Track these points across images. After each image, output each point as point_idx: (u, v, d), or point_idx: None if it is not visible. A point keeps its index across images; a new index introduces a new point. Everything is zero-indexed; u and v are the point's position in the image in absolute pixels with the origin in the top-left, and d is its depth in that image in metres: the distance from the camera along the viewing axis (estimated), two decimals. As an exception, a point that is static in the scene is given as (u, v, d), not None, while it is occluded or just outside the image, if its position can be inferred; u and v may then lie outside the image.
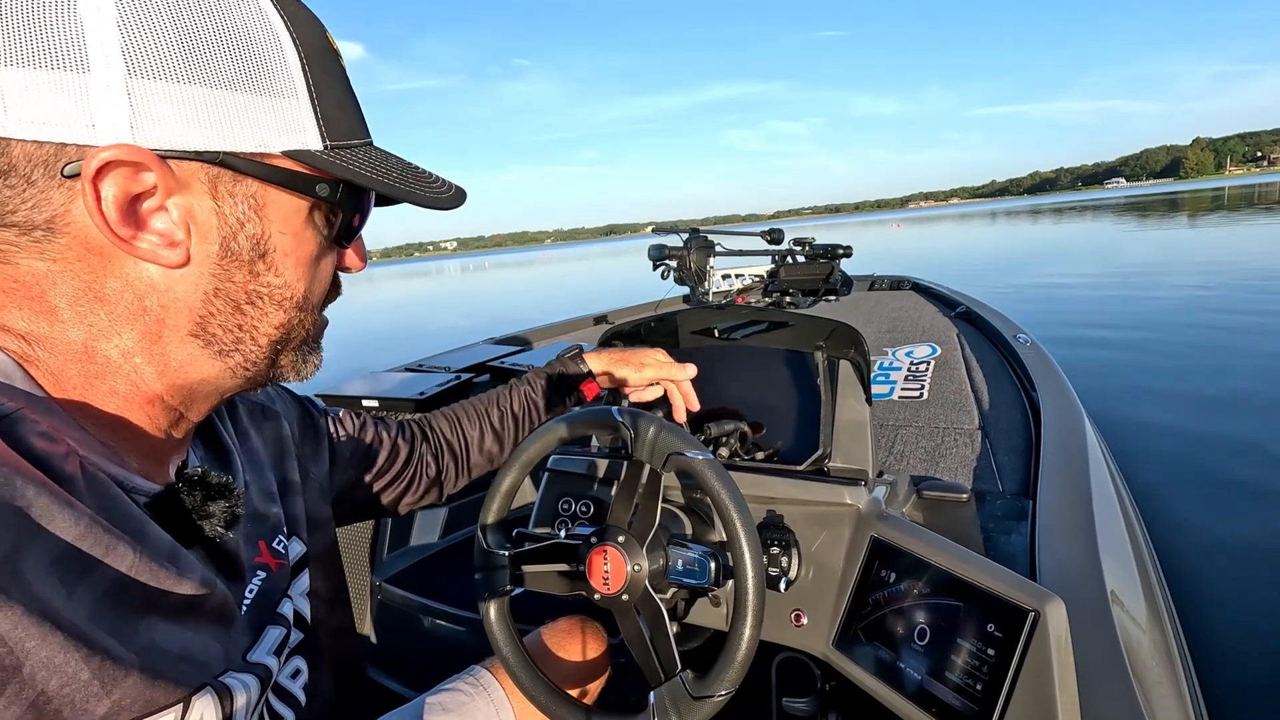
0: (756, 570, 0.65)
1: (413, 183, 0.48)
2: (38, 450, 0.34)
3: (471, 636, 1.31)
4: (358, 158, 0.45)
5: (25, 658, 0.30)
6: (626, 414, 0.73)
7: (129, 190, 0.37)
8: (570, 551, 0.74)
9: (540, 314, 6.44)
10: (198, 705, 0.38)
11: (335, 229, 0.48)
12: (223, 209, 0.41)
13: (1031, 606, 0.62)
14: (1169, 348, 5.08)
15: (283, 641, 0.51)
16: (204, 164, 0.39)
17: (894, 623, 0.72)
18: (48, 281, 0.38)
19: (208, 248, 0.41)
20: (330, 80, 0.44)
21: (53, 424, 0.36)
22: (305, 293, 0.46)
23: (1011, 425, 1.36)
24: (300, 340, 0.48)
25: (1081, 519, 0.92)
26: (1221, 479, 2.76)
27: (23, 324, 0.39)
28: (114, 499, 0.37)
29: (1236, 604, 1.96)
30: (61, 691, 0.31)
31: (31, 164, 0.36)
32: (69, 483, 0.34)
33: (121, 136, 0.36)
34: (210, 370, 0.44)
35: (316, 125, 0.43)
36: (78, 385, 0.40)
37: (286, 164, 0.42)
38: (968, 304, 2.58)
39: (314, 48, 0.43)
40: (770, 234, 3.06)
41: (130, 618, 0.36)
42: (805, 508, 0.84)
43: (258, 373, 0.47)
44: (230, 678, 0.42)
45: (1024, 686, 0.60)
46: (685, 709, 0.65)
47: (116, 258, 0.39)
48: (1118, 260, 12.27)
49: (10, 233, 0.37)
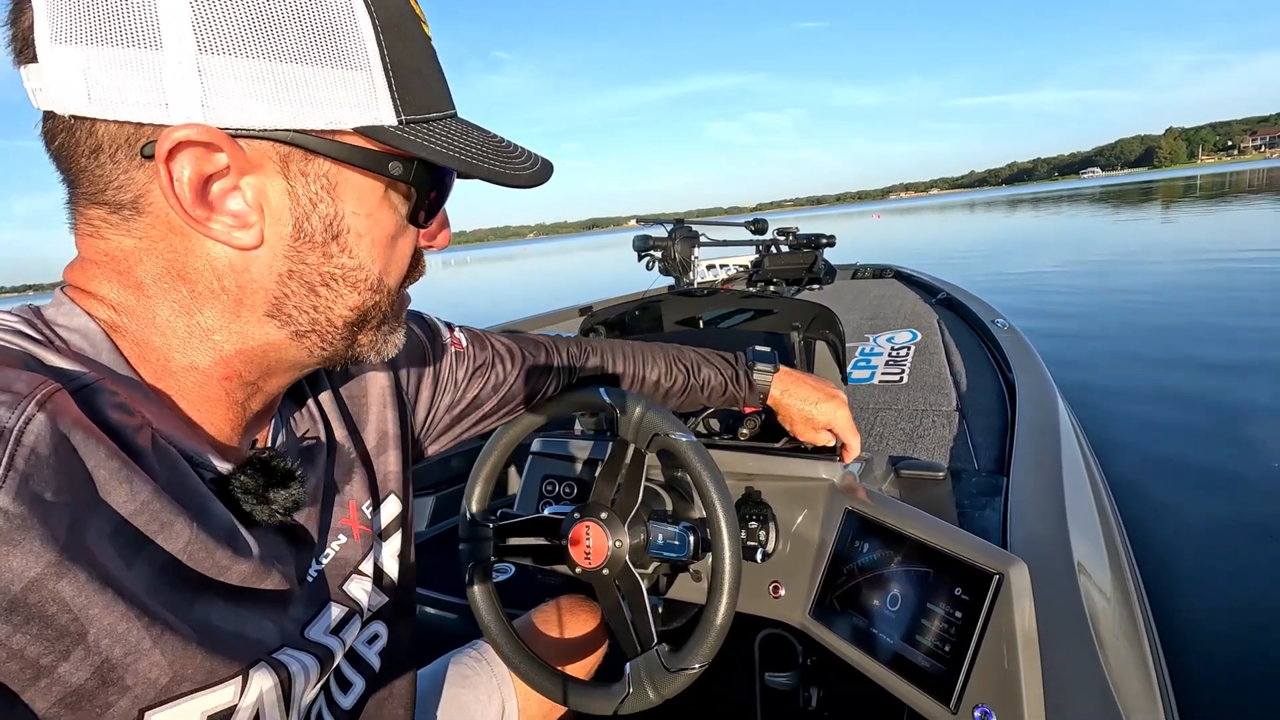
0: (734, 550, 0.67)
1: (493, 158, 0.45)
2: (113, 421, 0.34)
3: (461, 623, 1.32)
4: (435, 132, 0.43)
5: (89, 624, 0.31)
6: (613, 394, 0.74)
7: (202, 171, 0.36)
8: (554, 526, 0.75)
9: (526, 308, 6.42)
10: (256, 678, 0.39)
11: (412, 207, 0.45)
12: (295, 189, 0.39)
13: (996, 569, 0.65)
14: (1144, 332, 5.19)
15: (345, 621, 0.51)
16: (275, 143, 0.38)
17: (868, 591, 0.75)
18: (135, 258, 0.38)
19: (280, 229, 0.40)
20: (409, 49, 0.41)
21: (131, 396, 0.36)
22: (381, 274, 0.45)
23: (988, 406, 1.39)
24: (379, 320, 0.47)
25: (1052, 493, 0.95)
26: (1190, 458, 2.83)
27: (114, 295, 0.39)
28: (182, 474, 0.37)
29: (1202, 578, 2.02)
30: (125, 659, 0.32)
31: (115, 144, 0.36)
32: (139, 455, 0.34)
33: (193, 116, 0.36)
34: (288, 350, 0.44)
35: (391, 99, 0.40)
36: (161, 358, 0.40)
37: (359, 141, 0.40)
38: (948, 291, 2.62)
39: (392, 13, 0.40)
40: (754, 224, 3.09)
41: (186, 593, 0.36)
42: (782, 483, 0.86)
43: (334, 353, 0.46)
44: (285, 654, 0.42)
45: (988, 646, 0.63)
46: (660, 680, 0.67)
47: (196, 238, 0.38)
48: (1093, 248, 12.47)
49: (102, 209, 0.38)
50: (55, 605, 0.30)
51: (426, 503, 1.63)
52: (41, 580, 0.29)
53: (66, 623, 0.30)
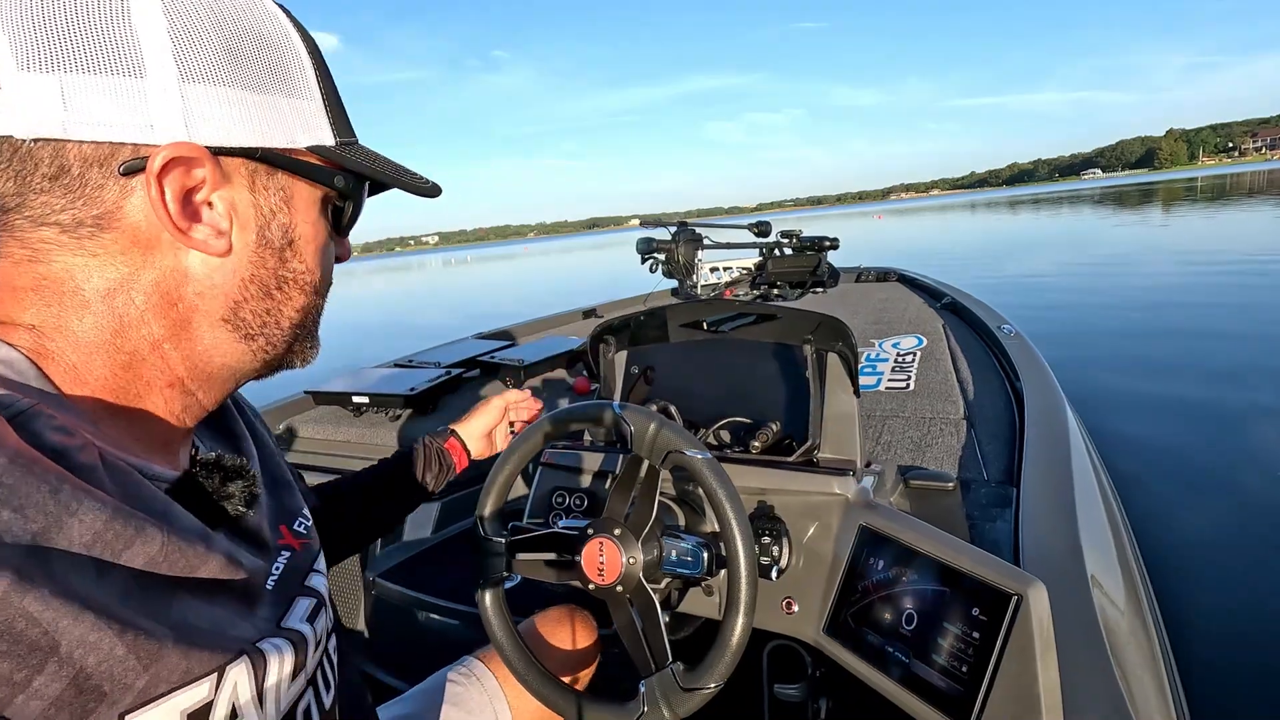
0: (750, 570, 0.66)
1: (403, 174, 0.54)
2: (55, 443, 0.34)
3: (466, 629, 1.31)
4: (358, 152, 0.50)
5: (61, 636, 0.31)
6: (626, 410, 0.74)
7: (185, 184, 0.41)
8: (567, 542, 0.75)
9: (527, 309, 6.41)
10: (232, 673, 0.40)
11: (342, 219, 0.52)
12: (259, 200, 0.45)
13: (1015, 590, 0.64)
14: (1149, 337, 5.18)
15: (315, 610, 0.53)
16: (245, 159, 0.44)
17: (882, 609, 0.74)
18: (83, 276, 0.40)
19: (247, 237, 0.45)
20: (331, 82, 0.49)
21: (67, 418, 0.37)
22: (322, 277, 0.51)
23: (996, 414, 1.38)
24: (312, 324, 0.52)
25: (1063, 505, 0.94)
26: (1199, 466, 2.83)
27: (42, 319, 0.40)
28: (137, 485, 0.38)
29: (1213, 586, 2.02)
30: (100, 667, 0.33)
31: (87, 163, 0.39)
32: (90, 472, 0.35)
33: (178, 135, 0.40)
34: (234, 354, 0.47)
35: (329, 123, 0.48)
36: (101, 376, 0.41)
37: (310, 158, 0.47)
38: (953, 295, 2.61)
39: (316, 55, 0.48)
40: (758, 226, 3.08)
41: (163, 595, 0.37)
42: (796, 498, 0.86)
43: (276, 355, 0.50)
44: (265, 643, 0.44)
45: (1007, 668, 0.62)
46: (675, 700, 0.67)
47: (157, 250, 0.42)
48: (1098, 251, 12.45)
49: (50, 230, 0.39)
50: (24, 621, 0.30)
51: (432, 509, 1.62)
52: (6, 598, 0.30)
53: (36, 637, 0.31)
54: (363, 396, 1.82)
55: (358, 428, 1.77)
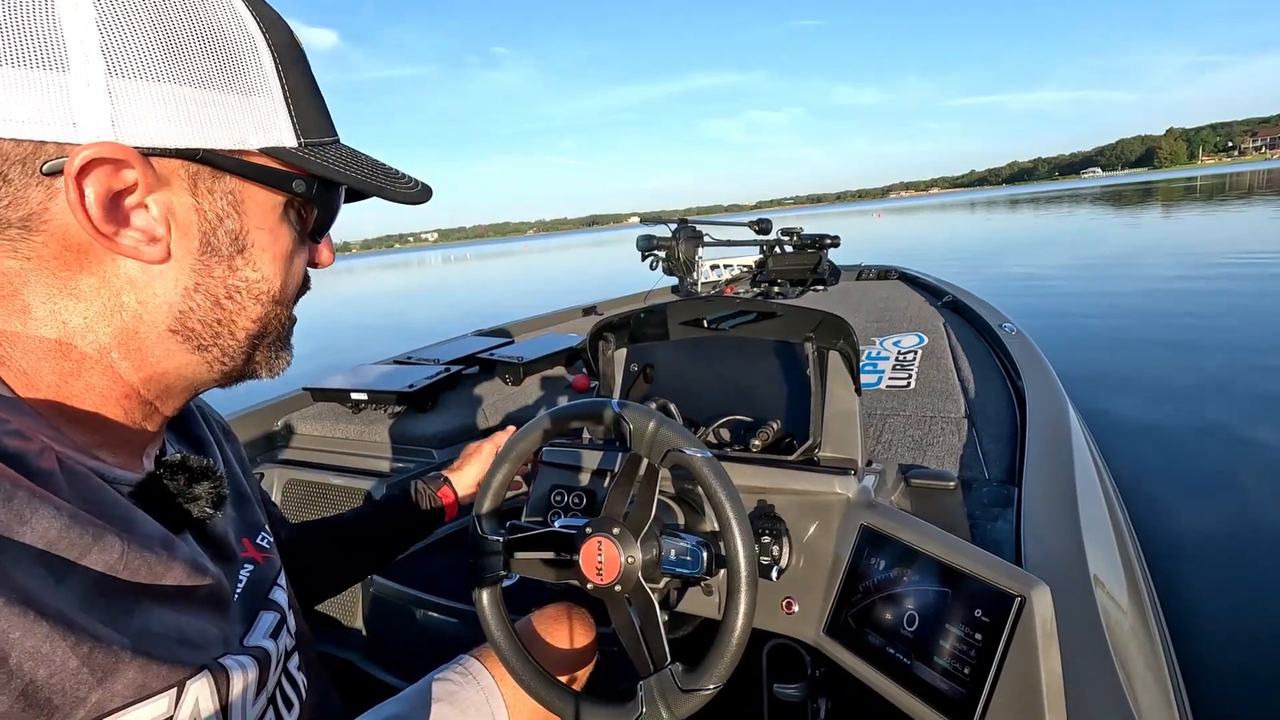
0: (750, 570, 0.65)
1: (382, 178, 0.50)
2: (10, 449, 0.34)
3: (463, 627, 1.31)
4: (329, 155, 0.47)
5: (10, 648, 0.30)
6: (626, 408, 0.73)
7: (111, 187, 0.38)
8: (565, 540, 0.74)
9: (526, 306, 6.40)
10: (193, 689, 0.39)
11: (309, 225, 0.49)
12: (202, 205, 0.42)
13: (1018, 592, 0.63)
14: (1151, 336, 5.16)
15: (278, 625, 0.52)
16: (184, 161, 0.40)
17: (883, 609, 0.73)
18: (20, 280, 0.38)
19: (188, 243, 0.42)
20: (301, 79, 0.45)
21: (24, 423, 0.36)
22: (281, 287, 0.48)
23: (997, 413, 1.38)
24: (275, 335, 0.50)
25: (1065, 505, 0.94)
26: (1202, 465, 2.82)
27: None
28: (97, 490, 0.37)
29: (1215, 586, 2.01)
30: (50, 680, 0.32)
31: (8, 162, 0.36)
32: (47, 478, 0.34)
33: (103, 134, 0.37)
34: (187, 365, 0.45)
35: (291, 123, 0.44)
36: (51, 382, 0.40)
37: (264, 161, 0.43)
38: (954, 293, 2.60)
39: (285, 47, 0.44)
40: (759, 224, 3.07)
41: (124, 604, 0.36)
42: (796, 497, 0.85)
43: (234, 367, 0.48)
44: (229, 659, 0.42)
45: (1010, 670, 0.62)
46: (673, 701, 0.66)
47: (94, 255, 0.39)
48: (1099, 249, 12.44)
49: None
50: None
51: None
52: None
53: None
54: (361, 393, 1.82)
55: (356, 424, 1.77)
